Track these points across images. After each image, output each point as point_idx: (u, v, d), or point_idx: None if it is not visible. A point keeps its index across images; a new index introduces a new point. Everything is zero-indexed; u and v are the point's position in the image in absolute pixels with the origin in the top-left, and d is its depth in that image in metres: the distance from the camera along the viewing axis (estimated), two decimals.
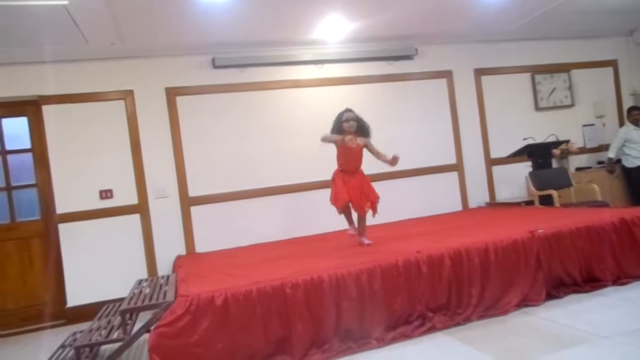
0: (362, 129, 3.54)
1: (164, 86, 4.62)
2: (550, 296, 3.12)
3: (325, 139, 3.53)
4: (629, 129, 5.65)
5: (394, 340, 2.73)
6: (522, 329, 2.71)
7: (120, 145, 4.50)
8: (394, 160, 3.44)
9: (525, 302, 3.05)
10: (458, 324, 2.86)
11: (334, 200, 3.53)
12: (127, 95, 4.53)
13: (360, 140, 3.51)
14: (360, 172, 3.59)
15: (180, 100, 4.66)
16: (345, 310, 2.72)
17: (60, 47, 4.07)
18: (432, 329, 2.81)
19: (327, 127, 3.59)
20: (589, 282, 3.25)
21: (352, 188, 3.47)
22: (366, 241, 3.56)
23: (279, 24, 4.33)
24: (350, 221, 3.69)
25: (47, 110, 4.33)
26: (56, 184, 4.31)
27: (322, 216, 4.76)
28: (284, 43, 4.80)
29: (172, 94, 4.63)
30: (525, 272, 3.09)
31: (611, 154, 5.66)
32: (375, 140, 3.56)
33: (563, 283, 3.21)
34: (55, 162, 4.32)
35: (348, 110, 3.53)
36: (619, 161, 5.74)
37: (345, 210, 3.61)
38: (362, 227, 3.63)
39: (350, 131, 3.46)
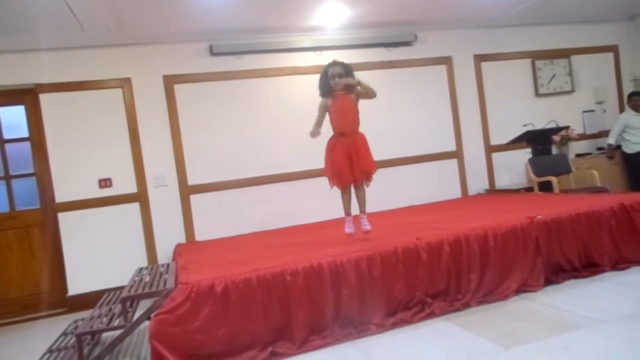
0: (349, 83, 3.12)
1: (162, 74, 4.59)
2: (549, 281, 3.13)
3: (314, 132, 3.16)
4: (629, 114, 5.63)
5: (393, 326, 2.75)
6: (521, 313, 2.72)
7: (118, 133, 4.48)
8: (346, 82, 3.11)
9: (524, 287, 3.06)
10: (457, 310, 2.88)
11: (336, 178, 3.12)
12: (124, 83, 4.49)
13: (352, 95, 3.15)
14: (359, 134, 3.19)
15: (178, 88, 4.63)
16: (344, 297, 2.73)
17: (56, 35, 4.03)
18: (432, 315, 2.83)
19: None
20: (588, 267, 3.26)
21: (353, 155, 3.09)
22: (367, 225, 3.20)
23: (277, 10, 4.28)
24: (348, 210, 3.28)
25: (45, 99, 4.30)
26: (55, 172, 4.31)
27: (322, 203, 4.77)
28: (282, 29, 4.76)
29: (170, 81, 4.60)
30: (524, 258, 3.10)
31: (611, 140, 5.65)
32: (375, 127, 3.48)
33: (562, 268, 3.22)
34: (53, 151, 4.31)
35: (334, 64, 3.14)
36: (618, 147, 5.73)
37: (347, 190, 3.22)
38: (363, 200, 3.22)
39: (338, 89, 3.12)
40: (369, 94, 3.17)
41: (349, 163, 3.12)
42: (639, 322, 2.37)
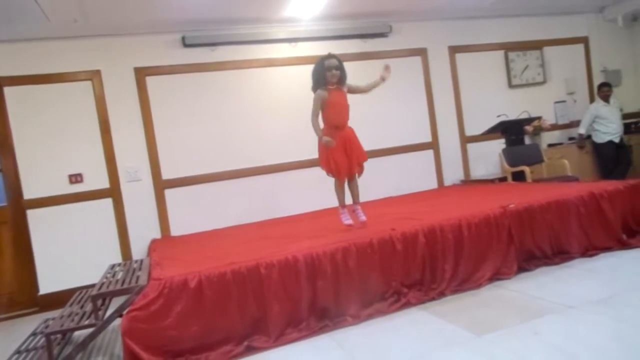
0: (342, 77, 3.23)
1: (133, 66, 4.48)
2: (521, 269, 3.19)
3: (315, 126, 3.18)
4: (599, 105, 5.76)
5: (369, 316, 2.76)
6: (493, 301, 2.77)
7: (89, 127, 4.37)
8: (387, 71, 3.29)
9: (497, 275, 3.11)
10: (432, 299, 2.91)
11: (336, 172, 3.20)
12: (94, 76, 4.38)
13: (344, 89, 3.25)
14: (349, 126, 3.30)
15: (150, 81, 4.53)
16: (320, 289, 2.73)
17: (20, 26, 3.90)
18: (407, 305, 2.85)
19: (302, 107, 3.50)
20: (559, 254, 3.33)
21: (348, 147, 3.17)
22: (363, 216, 3.30)
23: (251, 0, 4.21)
24: (344, 202, 3.34)
25: (10, 92, 4.16)
26: (22, 168, 4.18)
27: (298, 197, 4.76)
28: (256, 20, 4.69)
29: (141, 74, 4.50)
30: (497, 247, 3.15)
31: (582, 130, 5.77)
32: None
33: (534, 256, 3.28)
34: (20, 146, 4.18)
35: (330, 57, 3.19)
36: (589, 137, 5.86)
37: (343, 183, 3.30)
38: (357, 192, 3.36)
39: (333, 81, 3.18)
40: (369, 91, 3.34)
41: (346, 155, 3.21)
42: (605, 306, 2.43)
